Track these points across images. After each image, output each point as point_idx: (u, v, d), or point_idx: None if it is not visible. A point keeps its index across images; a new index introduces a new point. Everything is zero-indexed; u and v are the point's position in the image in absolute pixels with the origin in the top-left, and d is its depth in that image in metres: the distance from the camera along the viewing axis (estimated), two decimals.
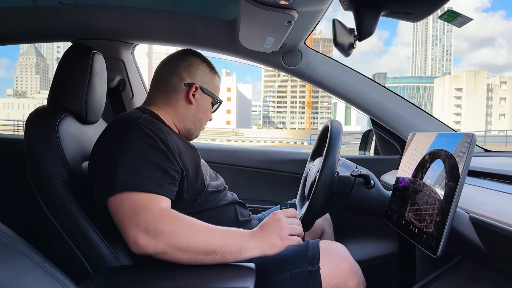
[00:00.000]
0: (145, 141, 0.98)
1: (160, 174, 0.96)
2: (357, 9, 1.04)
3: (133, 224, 0.88)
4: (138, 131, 0.99)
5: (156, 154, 0.98)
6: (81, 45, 1.22)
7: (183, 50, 1.25)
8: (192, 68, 1.19)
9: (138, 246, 0.87)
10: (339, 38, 1.06)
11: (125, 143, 0.98)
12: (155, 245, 0.86)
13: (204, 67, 1.22)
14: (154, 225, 0.87)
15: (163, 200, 0.94)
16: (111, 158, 0.96)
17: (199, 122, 1.22)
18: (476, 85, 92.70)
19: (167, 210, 0.91)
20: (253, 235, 0.92)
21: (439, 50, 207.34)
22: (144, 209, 0.89)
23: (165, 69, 1.20)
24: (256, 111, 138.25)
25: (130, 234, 0.88)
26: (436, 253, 0.78)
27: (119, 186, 0.91)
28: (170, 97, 1.17)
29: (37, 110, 1.15)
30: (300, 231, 0.96)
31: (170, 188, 0.97)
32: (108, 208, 0.94)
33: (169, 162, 0.99)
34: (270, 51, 1.49)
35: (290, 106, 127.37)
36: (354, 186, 1.16)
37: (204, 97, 1.21)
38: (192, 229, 0.90)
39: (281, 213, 0.97)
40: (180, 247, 0.87)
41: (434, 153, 0.93)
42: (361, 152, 2.05)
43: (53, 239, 1.06)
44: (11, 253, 0.53)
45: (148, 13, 1.49)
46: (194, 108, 1.19)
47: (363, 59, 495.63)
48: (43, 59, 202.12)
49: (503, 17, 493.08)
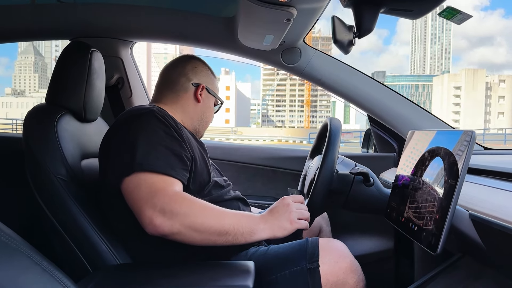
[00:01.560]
0: (159, 127, 1.02)
1: (174, 158, 0.99)
2: (357, 6, 1.04)
3: (149, 205, 0.90)
4: (153, 118, 1.03)
5: (170, 140, 1.01)
6: (79, 43, 1.22)
7: (185, 55, 1.31)
8: (198, 69, 1.27)
9: (154, 226, 0.89)
10: (339, 35, 1.06)
11: (141, 128, 1.01)
12: (171, 225, 0.89)
13: (206, 70, 1.30)
14: (170, 206, 0.90)
15: (177, 183, 0.97)
16: (128, 142, 0.99)
17: (205, 120, 1.29)
18: (475, 83, 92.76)
19: (181, 193, 0.95)
20: (263, 218, 0.98)
21: (438, 48, 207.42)
22: (160, 190, 0.92)
23: (172, 71, 1.26)
24: (255, 110, 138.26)
25: (146, 214, 0.90)
26: (436, 251, 0.78)
27: (137, 166, 0.94)
28: (179, 95, 1.23)
29: (36, 108, 1.15)
30: (308, 216, 1.02)
31: (183, 173, 1.01)
32: (123, 189, 0.96)
33: (182, 148, 1.03)
34: (269, 49, 1.49)
35: (289, 105, 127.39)
36: (353, 184, 1.16)
37: (209, 97, 1.29)
38: (206, 210, 0.94)
39: (290, 198, 1.02)
40: (194, 227, 0.90)
41: (434, 150, 0.92)
42: (363, 150, 2.06)
43: (52, 238, 1.06)
44: (9, 251, 0.52)
45: (146, 10, 1.49)
46: (201, 106, 1.26)
47: (362, 58, 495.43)
48: (41, 57, 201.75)
49: (502, 16, 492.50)
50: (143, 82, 1.91)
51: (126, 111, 1.12)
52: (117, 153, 1.01)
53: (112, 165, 1.02)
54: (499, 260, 0.85)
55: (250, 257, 1.06)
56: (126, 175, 0.95)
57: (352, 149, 13.67)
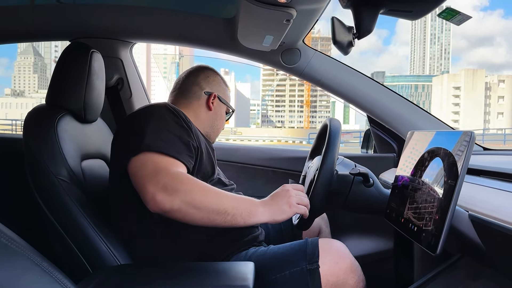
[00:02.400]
0: (170, 116, 1.07)
1: (181, 145, 1.04)
2: (356, 7, 1.04)
3: (153, 182, 0.93)
4: (164, 109, 1.09)
5: (179, 128, 1.07)
6: (79, 44, 1.22)
7: (199, 66, 1.39)
8: (210, 79, 1.34)
9: (156, 202, 0.91)
10: (338, 36, 1.06)
11: (152, 117, 1.06)
12: (171, 201, 0.91)
13: (218, 79, 1.37)
14: (171, 183, 0.92)
15: (181, 165, 1.01)
16: (138, 127, 1.05)
17: (216, 127, 1.35)
18: (474, 83, 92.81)
19: (183, 173, 0.98)
20: (263, 202, 1.00)
21: (437, 48, 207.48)
22: (164, 169, 0.95)
23: (186, 80, 1.34)
24: (254, 110, 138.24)
25: (149, 190, 0.92)
26: (435, 251, 0.78)
27: (144, 146, 0.99)
28: (192, 102, 1.30)
29: (36, 109, 1.15)
30: (307, 202, 1.04)
31: (189, 159, 1.04)
32: (129, 169, 1.00)
33: (189, 137, 1.07)
34: (268, 50, 1.49)
35: (289, 105, 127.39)
36: (353, 184, 1.15)
37: (221, 105, 1.35)
38: (207, 190, 0.97)
39: (290, 186, 1.05)
40: (194, 204, 0.92)
41: (433, 151, 0.93)
42: (363, 150, 2.06)
43: (52, 238, 1.06)
44: (9, 252, 0.52)
45: (146, 11, 1.48)
46: (212, 114, 1.32)
47: (362, 58, 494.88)
48: (41, 58, 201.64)
49: (502, 16, 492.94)
50: (142, 83, 1.91)
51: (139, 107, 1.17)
52: (127, 137, 1.06)
53: (121, 147, 1.07)
54: (499, 261, 0.85)
55: (249, 257, 1.06)
56: (133, 155, 0.99)
57: (352, 150, 13.66)
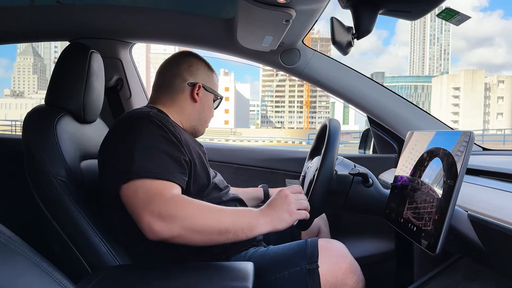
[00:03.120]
0: (156, 132, 1.01)
1: (172, 163, 0.99)
2: (355, 8, 1.04)
3: (147, 211, 0.89)
4: (150, 123, 1.02)
5: (168, 144, 1.01)
6: (78, 45, 1.21)
7: (180, 52, 1.28)
8: (193, 68, 1.24)
9: (153, 232, 0.89)
10: (337, 36, 1.06)
11: (138, 133, 1.00)
12: (171, 229, 0.88)
13: (202, 66, 1.26)
14: (167, 210, 0.89)
15: (175, 187, 0.96)
16: (125, 147, 0.99)
17: (204, 119, 1.27)
18: (474, 84, 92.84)
19: (178, 196, 0.94)
20: (262, 213, 0.97)
21: (437, 49, 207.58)
22: (157, 195, 0.91)
23: (167, 72, 1.24)
24: (254, 111, 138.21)
25: (144, 220, 0.89)
26: (435, 251, 0.78)
27: (134, 173, 0.93)
28: (175, 97, 1.21)
29: (35, 110, 1.14)
30: (307, 205, 1.02)
31: (182, 178, 1.00)
32: (121, 196, 0.95)
33: (180, 152, 1.02)
34: (268, 50, 1.49)
35: (288, 106, 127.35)
36: (352, 184, 1.15)
37: (207, 95, 1.26)
38: (205, 211, 0.93)
39: (287, 189, 1.02)
40: (194, 229, 0.90)
41: (433, 151, 0.93)
42: (361, 151, 2.06)
43: (51, 238, 1.06)
44: (9, 252, 0.52)
45: (145, 12, 1.49)
46: (198, 106, 1.24)
47: (362, 59, 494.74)
48: (40, 59, 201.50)
49: (501, 17, 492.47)
50: (142, 83, 1.91)
51: (123, 115, 1.11)
52: (115, 160, 1.00)
53: (110, 172, 1.01)
54: (498, 261, 0.85)
55: (249, 258, 1.06)
56: (124, 182, 0.94)
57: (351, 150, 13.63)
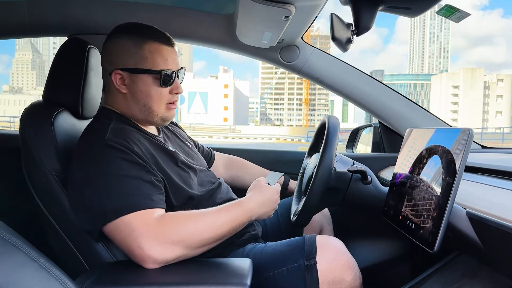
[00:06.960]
0: (120, 157, 0.94)
1: (146, 187, 0.94)
2: (355, 4, 1.03)
3: (136, 246, 0.87)
4: (109, 149, 0.94)
5: (134, 168, 0.94)
6: (76, 40, 1.21)
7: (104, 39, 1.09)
8: (110, 52, 1.05)
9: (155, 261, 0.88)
10: (337, 33, 1.06)
11: (100, 163, 0.93)
12: (172, 251, 0.89)
13: (122, 44, 1.03)
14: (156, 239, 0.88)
15: (156, 210, 0.92)
16: (92, 183, 0.92)
17: (148, 107, 1.05)
18: (473, 82, 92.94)
19: (164, 216, 0.92)
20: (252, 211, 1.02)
21: (436, 47, 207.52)
22: (141, 226, 0.88)
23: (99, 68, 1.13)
24: (253, 108, 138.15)
25: (137, 256, 0.88)
26: (433, 249, 0.78)
27: (111, 214, 0.89)
28: (109, 92, 1.09)
29: (33, 105, 1.14)
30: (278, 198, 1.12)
31: (161, 198, 0.96)
32: (104, 232, 0.93)
33: (149, 173, 0.96)
34: (267, 46, 1.49)
35: (288, 103, 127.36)
36: (351, 181, 1.15)
37: (137, 77, 1.03)
38: (198, 223, 0.93)
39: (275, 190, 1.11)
40: (194, 245, 0.92)
41: (431, 148, 0.93)
42: (348, 150, 2.02)
43: (48, 234, 1.06)
44: (6, 248, 0.52)
45: (144, 7, 1.48)
46: (129, 96, 1.05)
47: (361, 57, 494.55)
48: (39, 55, 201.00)
49: (501, 15, 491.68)
50: None
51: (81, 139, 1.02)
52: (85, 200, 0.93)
53: (82, 213, 0.95)
54: (496, 258, 0.86)
55: (247, 254, 1.07)
56: (102, 224, 0.91)
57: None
